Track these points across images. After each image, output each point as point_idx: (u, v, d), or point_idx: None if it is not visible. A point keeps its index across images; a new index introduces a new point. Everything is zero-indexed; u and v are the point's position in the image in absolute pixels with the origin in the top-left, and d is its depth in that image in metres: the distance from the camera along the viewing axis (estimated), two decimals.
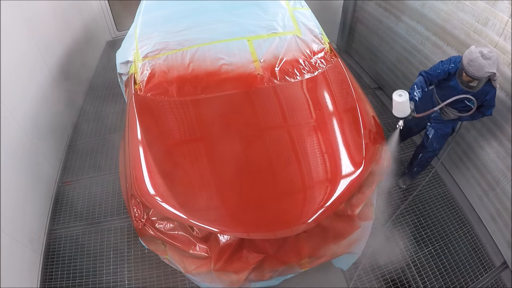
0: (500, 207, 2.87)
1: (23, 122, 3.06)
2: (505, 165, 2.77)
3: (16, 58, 3.11)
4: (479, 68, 2.19)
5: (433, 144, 2.91)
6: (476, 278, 2.75)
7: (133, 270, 2.83)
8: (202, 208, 2.02)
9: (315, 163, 2.15)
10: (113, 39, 5.95)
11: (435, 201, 3.24)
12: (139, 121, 2.37)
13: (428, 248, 2.90)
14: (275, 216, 1.95)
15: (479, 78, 2.23)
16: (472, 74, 2.23)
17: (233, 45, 2.76)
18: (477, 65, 2.19)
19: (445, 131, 2.82)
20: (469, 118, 2.59)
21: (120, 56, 2.98)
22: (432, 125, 2.86)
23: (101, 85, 4.89)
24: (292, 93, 2.55)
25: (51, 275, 2.88)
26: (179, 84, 2.58)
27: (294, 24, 2.96)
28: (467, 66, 2.23)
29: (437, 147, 2.93)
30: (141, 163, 2.15)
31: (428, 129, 2.91)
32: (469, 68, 2.22)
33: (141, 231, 2.09)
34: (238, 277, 2.03)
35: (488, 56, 2.18)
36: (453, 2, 3.07)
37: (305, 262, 2.11)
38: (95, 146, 3.95)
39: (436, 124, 2.83)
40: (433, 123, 2.85)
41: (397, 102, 2.30)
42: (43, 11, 3.84)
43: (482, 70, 2.18)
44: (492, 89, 2.38)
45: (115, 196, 3.38)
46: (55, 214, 3.33)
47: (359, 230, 2.19)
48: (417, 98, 2.42)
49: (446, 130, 2.82)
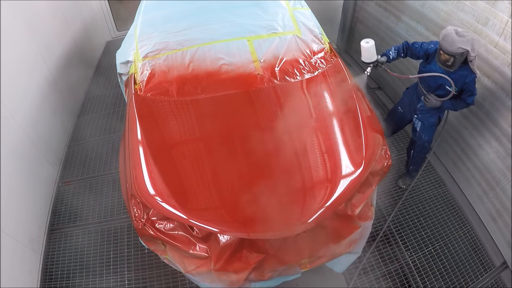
0: (500, 207, 2.87)
1: (23, 122, 3.06)
2: (505, 165, 2.77)
3: (16, 58, 3.11)
4: (451, 43, 2.30)
5: (422, 136, 2.95)
6: (476, 278, 2.75)
7: (133, 270, 2.83)
8: (202, 208, 2.02)
9: (315, 163, 2.15)
10: (113, 39, 5.95)
11: (435, 201, 3.24)
12: (139, 121, 2.37)
13: (428, 248, 2.90)
14: (275, 216, 1.95)
15: (453, 53, 2.33)
16: (445, 49, 2.34)
17: (233, 45, 2.76)
18: (450, 40, 2.31)
19: (431, 121, 2.87)
20: (451, 105, 2.66)
21: (120, 56, 2.98)
22: (418, 117, 2.92)
23: (101, 85, 4.90)
24: (292, 93, 2.55)
25: (51, 275, 2.88)
26: (179, 84, 2.58)
27: (294, 24, 2.96)
28: (441, 42, 2.36)
29: (426, 139, 2.96)
30: (141, 163, 2.15)
31: (415, 122, 2.97)
32: (443, 43, 2.35)
33: (141, 231, 2.09)
34: (238, 277, 2.02)
35: (461, 34, 2.31)
36: (453, 2, 3.07)
37: (305, 262, 2.11)
38: (95, 146, 3.95)
39: (422, 115, 2.88)
40: (419, 114, 2.90)
41: (364, 48, 2.60)
42: (43, 11, 3.84)
43: (454, 45, 2.30)
44: (471, 73, 2.45)
45: (115, 196, 3.38)
46: (55, 214, 3.33)
47: (359, 230, 2.18)
48: (390, 55, 2.68)
49: (432, 120, 2.87)
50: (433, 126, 2.92)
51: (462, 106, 2.65)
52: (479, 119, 3.00)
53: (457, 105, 2.65)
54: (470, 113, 3.10)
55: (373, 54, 2.63)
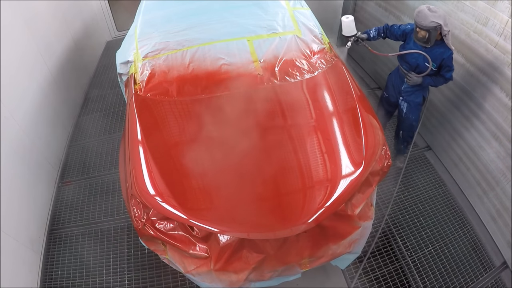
0: (500, 207, 2.87)
1: (23, 122, 3.07)
2: (505, 165, 2.77)
3: (16, 58, 3.11)
4: (425, 18, 2.52)
5: (409, 116, 3.11)
6: (476, 278, 2.75)
7: (133, 270, 2.83)
8: (202, 208, 2.02)
9: (315, 163, 2.15)
10: (113, 39, 5.95)
11: (435, 201, 3.24)
12: (139, 121, 2.37)
13: (428, 248, 2.90)
14: (275, 216, 1.95)
15: (427, 27, 2.53)
16: (420, 24, 2.56)
17: (233, 45, 2.76)
18: (423, 15, 2.52)
19: (417, 101, 3.04)
20: (431, 81, 2.83)
21: (120, 56, 2.98)
22: (404, 98, 3.08)
23: (101, 85, 4.90)
24: (292, 93, 2.55)
25: (51, 275, 2.89)
26: (179, 84, 2.58)
27: (294, 24, 2.96)
28: (416, 18, 2.58)
29: (413, 118, 3.12)
30: (141, 163, 2.15)
31: (401, 104, 3.13)
32: (417, 19, 2.57)
33: (141, 231, 2.09)
34: (238, 277, 2.02)
35: (433, 10, 2.52)
36: (453, 2, 3.07)
37: (305, 262, 2.11)
38: (95, 146, 3.95)
39: (407, 96, 3.05)
40: (404, 96, 3.07)
41: (344, 22, 2.91)
42: (43, 11, 3.85)
43: (427, 19, 2.51)
44: (447, 50, 2.65)
45: (115, 196, 3.38)
46: (55, 214, 3.33)
47: (359, 230, 2.18)
48: (371, 34, 2.98)
49: (417, 100, 3.04)
50: (419, 106, 3.07)
51: (442, 82, 2.83)
52: (479, 119, 3.00)
53: (437, 81, 2.83)
54: (470, 113, 3.10)
55: (352, 28, 2.93)
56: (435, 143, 3.66)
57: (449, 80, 2.79)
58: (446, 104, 3.40)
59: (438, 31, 2.56)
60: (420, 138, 3.85)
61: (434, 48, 2.67)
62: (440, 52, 2.66)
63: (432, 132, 3.69)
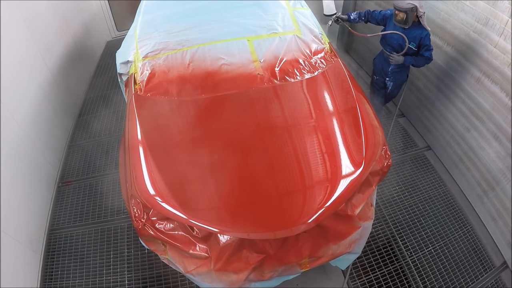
0: (500, 207, 2.87)
1: (23, 122, 3.07)
2: (505, 165, 2.77)
3: (16, 58, 3.11)
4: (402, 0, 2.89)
5: (393, 92, 3.55)
6: (476, 278, 2.75)
7: (133, 270, 2.83)
8: (202, 208, 2.02)
9: (315, 163, 2.15)
10: (113, 39, 5.95)
11: (435, 201, 3.24)
12: (139, 121, 2.37)
13: (428, 248, 2.90)
14: (275, 216, 1.94)
15: (404, 8, 2.88)
16: (397, 6, 2.91)
17: (233, 45, 2.76)
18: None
19: (401, 80, 3.43)
20: (413, 60, 3.12)
21: (120, 56, 2.97)
22: (390, 78, 3.42)
23: (101, 85, 4.90)
24: (292, 93, 2.55)
25: (51, 275, 2.89)
26: (179, 84, 2.58)
27: (294, 24, 2.96)
28: (394, 2, 2.93)
29: (396, 93, 3.58)
30: (141, 163, 2.14)
31: (387, 83, 3.47)
32: (395, 2, 2.93)
33: (141, 231, 2.09)
34: (238, 277, 2.02)
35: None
36: (453, 2, 3.07)
37: (305, 262, 2.10)
38: (95, 146, 3.95)
39: (393, 76, 3.39)
40: (390, 76, 3.40)
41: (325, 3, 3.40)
42: (42, 11, 3.85)
43: (404, 1, 2.87)
44: (424, 30, 2.98)
45: (115, 196, 3.38)
46: (55, 214, 3.33)
47: (359, 230, 2.18)
48: (351, 16, 3.34)
49: (402, 79, 3.43)
50: (402, 83, 3.49)
51: (423, 61, 3.11)
52: (479, 119, 3.00)
53: (418, 61, 3.12)
54: (470, 113, 3.10)
55: (332, 8, 3.43)
56: (435, 143, 3.67)
57: (429, 59, 3.06)
58: (446, 104, 3.40)
59: (415, 12, 2.89)
60: (420, 138, 3.85)
61: (411, 30, 3.01)
62: (418, 33, 3.00)
63: (432, 132, 3.69)
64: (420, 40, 3.00)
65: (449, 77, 3.30)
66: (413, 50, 3.06)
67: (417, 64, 3.14)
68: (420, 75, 3.73)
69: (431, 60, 3.07)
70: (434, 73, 3.50)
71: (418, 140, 3.83)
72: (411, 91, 3.92)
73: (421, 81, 3.74)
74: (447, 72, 3.32)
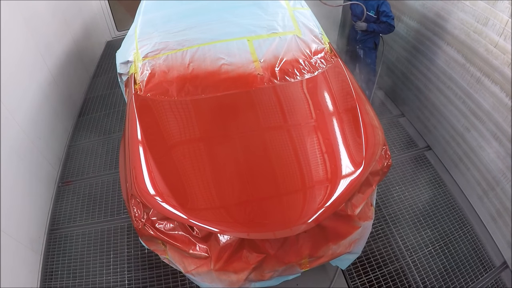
0: (500, 207, 2.87)
1: (23, 122, 3.07)
2: (505, 165, 2.77)
3: (16, 58, 3.11)
4: None
5: (366, 59, 3.84)
6: (476, 278, 2.75)
7: (133, 270, 2.83)
8: (202, 208, 2.02)
9: (315, 163, 2.15)
10: (113, 39, 5.95)
11: (435, 201, 3.24)
12: (139, 121, 2.37)
13: (428, 248, 2.90)
14: (275, 216, 1.95)
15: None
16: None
17: (233, 45, 2.76)
18: None
19: (369, 46, 3.74)
20: (375, 26, 3.50)
21: (120, 56, 2.97)
22: (360, 46, 3.81)
23: (101, 85, 4.90)
24: (292, 93, 2.55)
25: (51, 275, 2.89)
26: (179, 84, 2.58)
27: (294, 24, 2.96)
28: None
29: (370, 62, 3.84)
30: (141, 163, 2.14)
31: (359, 52, 3.86)
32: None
33: (141, 231, 2.09)
34: (238, 277, 2.02)
35: None
36: (453, 2, 3.07)
37: (305, 262, 2.10)
38: (95, 146, 3.95)
39: (362, 44, 3.77)
40: (359, 44, 3.79)
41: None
42: (42, 11, 3.85)
43: None
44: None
45: (115, 196, 3.38)
46: (55, 214, 3.33)
47: (359, 230, 2.18)
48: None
49: (370, 45, 3.73)
50: (372, 50, 3.77)
51: (385, 28, 3.47)
52: (479, 119, 3.00)
53: (381, 27, 3.49)
54: (470, 113, 3.10)
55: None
56: (435, 143, 3.67)
57: (391, 26, 3.41)
58: (446, 104, 3.41)
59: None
60: (420, 138, 3.85)
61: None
62: (376, 1, 3.39)
63: (432, 132, 3.69)
64: (377, 7, 3.38)
65: (449, 77, 3.30)
66: (373, 17, 3.46)
67: (379, 30, 3.51)
68: (420, 75, 3.74)
69: (392, 26, 3.41)
70: (434, 73, 3.50)
71: (418, 140, 3.83)
72: (411, 91, 3.93)
73: (421, 81, 3.74)
74: (447, 72, 3.32)
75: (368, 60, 3.83)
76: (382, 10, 3.38)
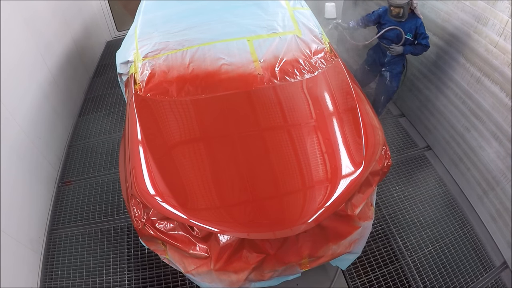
0: (500, 207, 2.87)
1: (23, 122, 3.06)
2: (505, 165, 2.77)
3: (16, 58, 3.11)
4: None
5: (391, 83, 3.57)
6: (476, 278, 2.75)
7: (133, 270, 2.83)
8: (202, 208, 2.02)
9: (315, 163, 2.15)
10: (113, 39, 5.95)
11: (435, 201, 3.24)
12: (139, 121, 2.37)
13: (428, 248, 2.90)
14: (275, 216, 1.95)
15: (401, 4, 3.06)
16: (395, 4, 3.08)
17: (233, 45, 2.76)
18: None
19: (398, 70, 3.51)
20: (411, 49, 3.27)
21: (120, 56, 2.97)
22: (386, 68, 3.53)
23: (101, 85, 4.90)
24: (292, 93, 2.55)
25: (51, 275, 2.88)
26: (179, 84, 2.58)
27: (294, 24, 2.96)
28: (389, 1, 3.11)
29: (395, 85, 3.60)
30: (141, 163, 2.15)
31: (384, 74, 3.57)
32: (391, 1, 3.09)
33: (141, 231, 2.09)
34: (238, 277, 2.02)
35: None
36: (453, 2, 3.07)
37: (305, 262, 2.10)
38: (95, 146, 3.95)
39: (389, 66, 3.50)
40: (387, 66, 3.52)
41: (328, 6, 3.59)
42: (42, 11, 3.85)
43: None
44: (418, 19, 3.16)
45: (115, 196, 3.38)
46: (55, 214, 3.33)
47: (359, 230, 2.18)
48: (350, 24, 3.55)
49: (399, 69, 3.50)
50: (399, 74, 3.54)
51: (421, 49, 3.25)
52: (479, 119, 3.00)
53: (416, 49, 3.26)
54: (470, 113, 3.10)
55: (333, 12, 3.62)
56: (435, 143, 3.67)
57: (426, 46, 3.20)
58: (446, 104, 3.41)
59: (409, 5, 3.08)
60: (420, 138, 3.85)
61: (407, 21, 3.18)
62: (413, 23, 3.16)
63: (432, 132, 3.69)
64: (416, 30, 3.17)
65: (449, 77, 3.30)
66: (410, 40, 3.23)
67: (416, 52, 3.28)
68: (420, 75, 3.74)
69: (428, 47, 3.21)
70: (434, 73, 3.50)
71: (418, 140, 3.83)
72: (411, 91, 3.93)
73: (421, 81, 3.74)
74: (447, 72, 3.33)
75: (393, 84, 3.56)
76: (420, 32, 3.16)
